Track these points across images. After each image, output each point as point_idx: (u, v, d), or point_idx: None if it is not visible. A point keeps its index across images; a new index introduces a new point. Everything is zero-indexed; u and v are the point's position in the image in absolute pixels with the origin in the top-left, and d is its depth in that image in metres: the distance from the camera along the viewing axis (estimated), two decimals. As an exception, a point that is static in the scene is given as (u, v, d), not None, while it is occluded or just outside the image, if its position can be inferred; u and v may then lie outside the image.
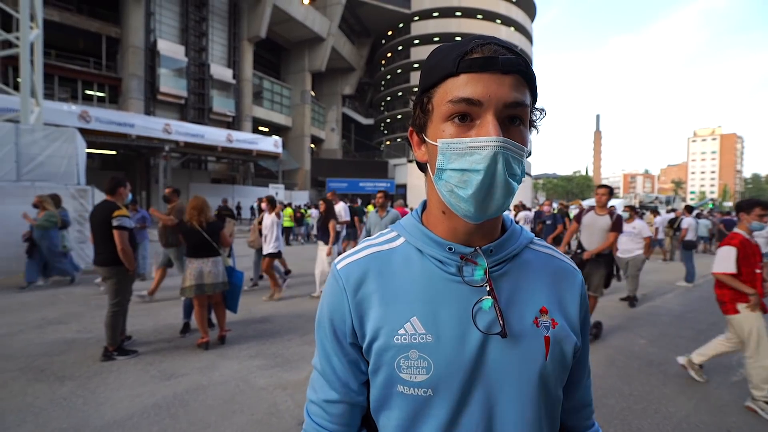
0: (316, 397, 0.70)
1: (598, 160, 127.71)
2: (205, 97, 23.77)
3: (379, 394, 0.64)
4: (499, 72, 0.54)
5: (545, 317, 0.63)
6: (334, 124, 35.65)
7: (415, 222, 0.68)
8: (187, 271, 3.91)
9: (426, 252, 0.64)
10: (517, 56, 0.56)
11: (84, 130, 12.84)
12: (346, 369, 0.67)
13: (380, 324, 0.63)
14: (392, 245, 0.68)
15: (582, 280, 0.71)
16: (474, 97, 0.54)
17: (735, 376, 3.69)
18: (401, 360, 0.60)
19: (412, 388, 0.60)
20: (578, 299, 0.69)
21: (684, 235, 8.28)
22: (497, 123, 0.54)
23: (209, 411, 2.81)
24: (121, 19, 21.33)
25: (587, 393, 0.76)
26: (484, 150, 0.53)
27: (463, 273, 0.62)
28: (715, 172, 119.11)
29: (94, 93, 21.36)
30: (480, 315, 0.60)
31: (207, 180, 24.84)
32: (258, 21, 24.93)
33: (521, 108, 0.56)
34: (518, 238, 0.68)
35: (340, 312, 0.66)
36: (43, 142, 7.63)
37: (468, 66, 0.55)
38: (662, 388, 3.40)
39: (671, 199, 31.87)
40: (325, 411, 0.68)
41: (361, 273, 0.66)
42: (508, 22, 40.11)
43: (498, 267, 0.64)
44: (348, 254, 0.70)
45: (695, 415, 2.96)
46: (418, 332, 0.60)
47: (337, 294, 0.66)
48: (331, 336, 0.67)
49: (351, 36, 35.52)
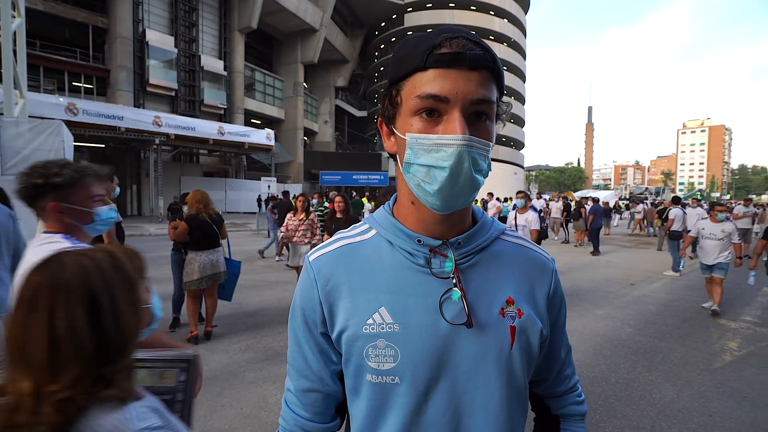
0: (292, 386, 0.72)
1: (590, 152, 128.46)
2: (196, 89, 23.39)
3: (351, 383, 0.66)
4: (466, 68, 0.54)
5: (511, 307, 0.65)
6: (327, 117, 35.37)
7: (386, 214, 0.70)
8: (194, 265, 3.90)
9: (396, 244, 0.66)
10: (485, 51, 0.56)
11: (71, 123, 12.59)
12: (317, 359, 0.69)
13: (349, 314, 0.64)
14: (364, 237, 0.70)
15: (554, 269, 0.73)
16: (441, 94, 0.54)
17: (717, 362, 3.77)
18: (369, 349, 0.62)
19: (380, 376, 0.62)
20: (548, 288, 0.70)
21: (670, 225, 8.40)
22: (464, 120, 0.54)
23: (198, 405, 2.81)
24: (108, 9, 20.81)
25: (567, 365, 0.79)
26: (450, 148, 0.54)
27: (431, 265, 0.63)
28: (704, 164, 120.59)
29: (82, 85, 20.90)
30: (447, 306, 0.62)
31: (199, 173, 24.57)
32: (249, 11, 24.49)
33: (488, 104, 0.56)
34: (488, 230, 0.69)
35: (311, 303, 0.67)
36: (28, 135, 7.43)
37: (436, 61, 0.55)
38: (647, 375, 3.47)
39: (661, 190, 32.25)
40: (299, 399, 0.71)
41: (332, 265, 0.67)
42: (502, 13, 39.91)
43: (466, 259, 0.65)
44: (320, 247, 0.71)
45: (678, 402, 3.03)
46: (386, 322, 0.62)
47: (308, 286, 0.68)
48: (303, 327, 0.69)
49: (344, 27, 35.09)
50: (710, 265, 5.36)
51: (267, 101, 29.27)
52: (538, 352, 0.67)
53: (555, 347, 0.76)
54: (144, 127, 17.06)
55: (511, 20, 40.93)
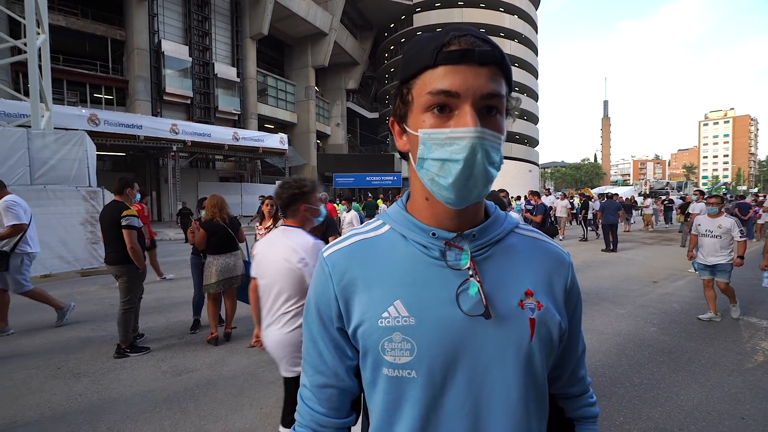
0: (307, 381, 0.73)
1: (607, 147, 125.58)
2: (211, 96, 23.87)
3: (369, 377, 0.67)
4: (475, 64, 0.56)
5: (530, 299, 0.64)
6: (339, 119, 35.57)
7: (399, 210, 0.70)
8: (212, 268, 3.98)
9: (410, 238, 0.66)
10: (493, 48, 0.57)
11: (93, 133, 13.02)
12: (332, 355, 0.69)
13: (365, 309, 0.65)
14: (378, 232, 0.70)
15: (570, 263, 0.73)
16: (452, 89, 0.56)
17: (749, 363, 3.63)
18: (385, 343, 0.62)
19: (397, 370, 0.62)
20: (565, 281, 0.70)
21: (693, 220, 8.14)
22: (475, 113, 0.56)
23: (219, 405, 2.86)
24: (125, 22, 21.46)
25: (581, 365, 0.78)
26: (463, 140, 0.55)
27: (447, 257, 0.63)
28: (728, 156, 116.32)
29: (102, 96, 21.59)
30: (464, 298, 0.61)
31: (215, 178, 25.04)
32: (260, 18, 24.87)
33: (497, 98, 0.57)
34: (502, 224, 0.69)
35: (326, 299, 0.68)
36: (54, 146, 7.75)
37: (445, 58, 0.56)
38: (673, 376, 3.36)
39: (683, 184, 31.28)
40: (315, 395, 0.71)
41: (346, 260, 0.68)
42: (512, 10, 39.42)
43: (481, 251, 0.65)
44: (335, 242, 0.72)
45: (708, 403, 2.92)
46: (402, 315, 0.62)
47: (323, 281, 0.69)
48: (318, 323, 0.70)
49: (353, 30, 35.27)
50: (709, 266, 4.76)
51: (279, 106, 29.63)
52: (557, 345, 0.67)
53: (571, 343, 0.75)
54: (162, 135, 17.50)
55: (521, 16, 40.39)
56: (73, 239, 7.41)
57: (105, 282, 6.86)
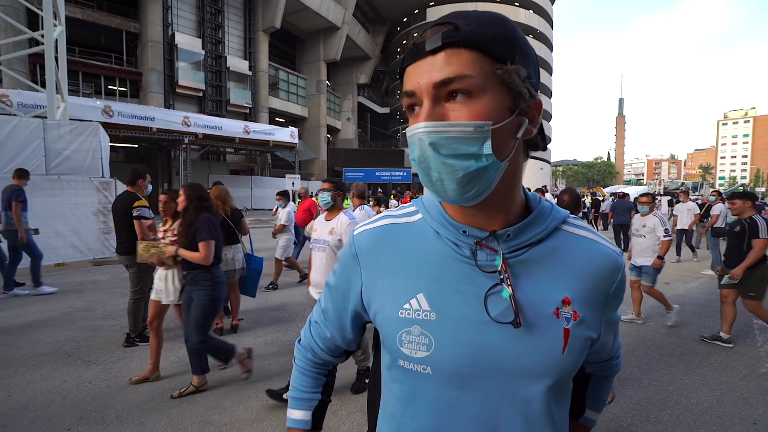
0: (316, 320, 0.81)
1: (621, 145, 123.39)
2: (223, 89, 24.02)
3: (386, 362, 0.68)
4: (428, 55, 0.53)
5: (567, 308, 0.59)
6: (349, 114, 35.52)
7: (434, 201, 0.66)
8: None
9: (442, 233, 0.63)
10: (452, 29, 0.51)
11: (107, 125, 13.19)
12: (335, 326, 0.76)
13: (387, 296, 0.64)
14: (410, 219, 0.68)
15: (622, 265, 0.65)
16: (407, 89, 0.55)
17: (762, 367, 3.54)
18: (404, 334, 0.61)
19: (412, 363, 0.61)
20: (612, 286, 0.64)
21: (714, 222, 7.96)
22: (430, 106, 0.52)
23: (225, 396, 2.89)
24: (139, 14, 21.65)
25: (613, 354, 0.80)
26: (414, 138, 0.54)
27: (477, 257, 0.60)
28: (747, 156, 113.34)
29: (116, 88, 21.87)
30: (493, 301, 0.58)
31: (226, 171, 25.26)
32: (273, 11, 24.88)
33: (458, 81, 0.51)
34: (546, 219, 0.62)
35: (351, 276, 0.70)
36: (69, 137, 7.88)
37: (406, 60, 0.56)
38: (684, 378, 3.30)
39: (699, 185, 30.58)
40: (319, 334, 0.80)
41: (375, 242, 0.68)
42: (527, 4, 38.80)
43: (518, 252, 0.60)
44: (366, 222, 0.72)
45: (718, 407, 2.87)
46: (423, 309, 0.60)
47: (349, 258, 0.70)
48: (340, 296, 0.73)
49: (366, 24, 35.06)
50: (636, 267, 4.60)
51: (291, 100, 29.69)
52: (585, 356, 0.63)
53: (605, 343, 0.71)
54: (174, 127, 17.67)
55: (536, 11, 39.72)
56: (85, 229, 7.55)
57: (116, 272, 6.98)
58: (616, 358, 0.83)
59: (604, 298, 0.63)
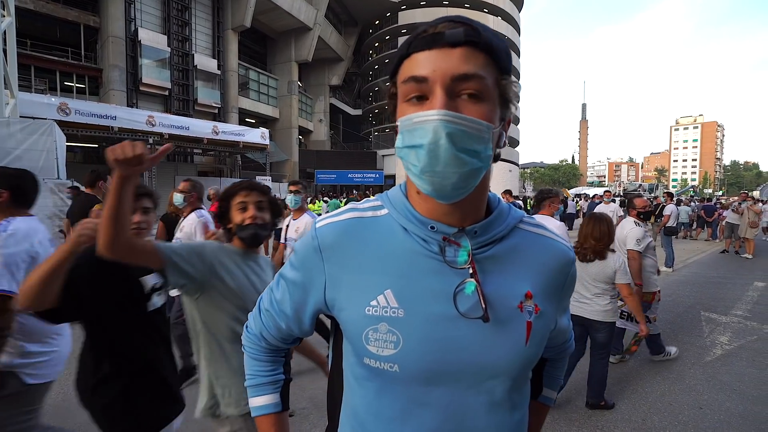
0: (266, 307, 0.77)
1: (584, 149, 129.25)
2: (190, 88, 23.22)
3: (351, 360, 0.66)
4: (446, 46, 0.53)
5: (530, 302, 0.62)
6: (321, 115, 35.26)
7: (401, 195, 0.66)
8: None
9: (409, 229, 0.63)
10: (473, 29, 0.54)
11: (63, 123, 12.48)
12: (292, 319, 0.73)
13: (353, 292, 0.62)
14: (376, 213, 0.66)
15: (573, 259, 0.71)
16: (419, 74, 0.53)
17: (708, 356, 3.83)
18: (370, 332, 0.60)
19: (379, 362, 0.59)
20: (566, 278, 0.69)
21: (666, 222, 8.51)
22: (445, 96, 0.52)
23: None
24: (99, 8, 20.59)
25: (567, 338, 0.86)
26: (426, 124, 0.52)
27: (445, 253, 0.60)
28: (697, 160, 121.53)
29: (74, 84, 20.68)
30: (461, 298, 0.59)
31: (194, 173, 24.37)
32: (242, 10, 24.34)
33: (475, 80, 0.53)
34: (506, 219, 0.66)
35: (312, 271, 0.67)
36: (20, 136, 7.40)
37: (416, 46, 0.55)
38: (639, 369, 3.53)
39: (654, 186, 32.54)
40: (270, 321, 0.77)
41: (340, 236, 0.65)
42: (496, 11, 39.95)
43: (483, 249, 0.62)
44: (330, 215, 0.69)
45: (669, 395, 3.08)
46: (391, 305, 0.59)
47: (310, 252, 0.66)
48: (299, 291, 0.70)
49: (338, 25, 34.96)
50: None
51: (261, 100, 29.12)
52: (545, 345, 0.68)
53: (561, 329, 0.77)
54: (137, 127, 16.90)
55: (505, 18, 40.97)
56: (40, 233, 7.11)
57: (75, 278, 6.62)
58: (569, 341, 0.87)
59: (560, 290, 0.68)
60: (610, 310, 2.80)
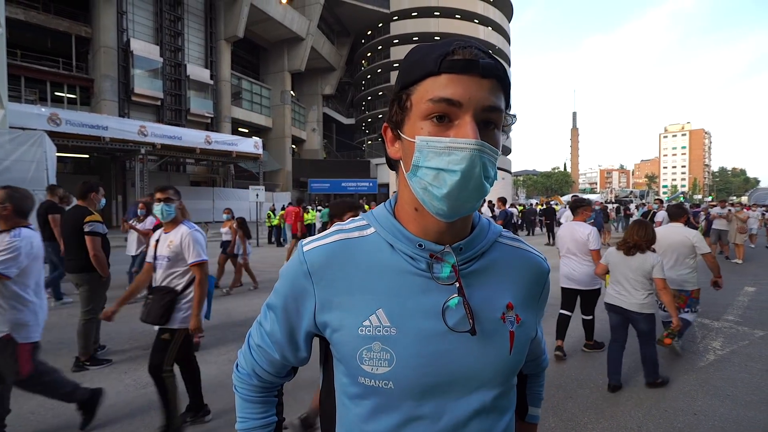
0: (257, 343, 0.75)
1: (575, 156, 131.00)
2: (182, 98, 23.21)
3: (344, 381, 0.66)
4: (478, 75, 0.55)
5: (511, 313, 0.66)
6: (315, 125, 35.39)
7: (387, 214, 0.67)
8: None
9: (396, 247, 0.64)
10: (496, 62, 0.57)
11: (54, 134, 12.37)
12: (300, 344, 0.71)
13: (345, 314, 0.63)
14: (363, 233, 0.67)
15: (548, 270, 0.74)
16: (454, 98, 0.54)
17: (701, 361, 3.85)
18: (364, 352, 0.61)
19: (374, 380, 0.61)
20: (542, 289, 0.73)
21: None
22: (475, 125, 0.55)
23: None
24: (91, 18, 20.59)
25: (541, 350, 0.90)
26: (463, 152, 0.54)
27: (433, 270, 0.62)
28: (686, 167, 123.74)
29: (65, 95, 20.55)
30: (450, 312, 0.61)
31: (186, 183, 24.25)
32: (235, 20, 24.49)
33: (497, 112, 0.57)
34: (486, 234, 0.68)
35: (302, 295, 0.66)
36: (9, 146, 7.32)
37: (449, 67, 0.55)
38: (634, 376, 3.53)
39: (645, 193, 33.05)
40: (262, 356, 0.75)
41: (329, 258, 0.65)
42: (486, 22, 40.64)
43: (467, 264, 0.64)
44: (316, 237, 0.69)
45: (664, 401, 3.09)
46: (383, 325, 0.61)
47: (299, 277, 0.66)
48: (289, 317, 0.69)
49: (330, 36, 35.30)
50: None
51: (254, 110, 29.18)
52: (527, 354, 0.71)
53: (537, 339, 0.82)
54: (129, 137, 16.81)
55: (495, 28, 41.68)
56: (29, 245, 6.99)
57: (64, 290, 6.49)
58: (543, 353, 0.91)
59: (536, 299, 0.72)
60: (647, 303, 3.22)
